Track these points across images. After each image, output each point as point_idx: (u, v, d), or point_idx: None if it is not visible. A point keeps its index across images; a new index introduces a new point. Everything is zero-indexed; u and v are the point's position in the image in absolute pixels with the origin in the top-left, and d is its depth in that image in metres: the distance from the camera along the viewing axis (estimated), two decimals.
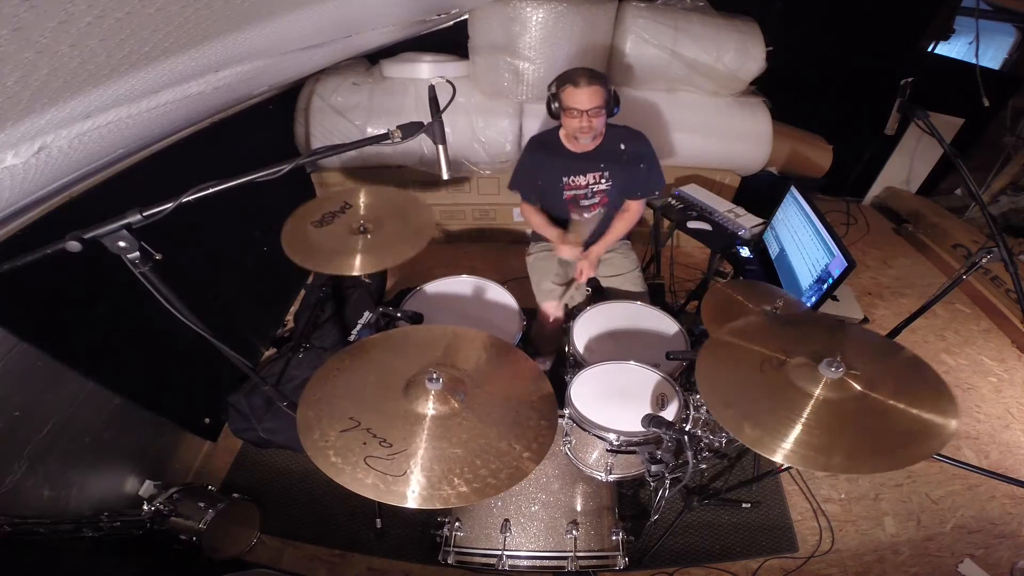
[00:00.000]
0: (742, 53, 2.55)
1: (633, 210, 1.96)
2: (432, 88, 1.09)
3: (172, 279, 0.95)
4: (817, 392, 1.03)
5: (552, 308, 1.93)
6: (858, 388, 1.03)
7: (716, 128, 2.75)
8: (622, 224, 1.96)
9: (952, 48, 3.37)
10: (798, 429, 0.97)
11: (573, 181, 1.86)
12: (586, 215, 1.94)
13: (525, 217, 2.02)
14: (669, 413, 1.33)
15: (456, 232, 3.21)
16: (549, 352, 2.15)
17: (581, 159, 1.83)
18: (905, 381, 1.07)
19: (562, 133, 1.84)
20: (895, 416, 1.00)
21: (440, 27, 2.62)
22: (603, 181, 1.87)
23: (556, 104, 1.72)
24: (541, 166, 1.87)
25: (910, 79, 1.37)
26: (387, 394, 1.08)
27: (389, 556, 1.73)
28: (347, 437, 0.98)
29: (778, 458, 0.94)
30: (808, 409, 1.00)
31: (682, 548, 1.76)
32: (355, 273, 1.46)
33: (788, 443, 0.96)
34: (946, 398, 1.02)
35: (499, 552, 1.42)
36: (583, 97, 1.64)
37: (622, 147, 1.83)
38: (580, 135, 1.73)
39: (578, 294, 1.97)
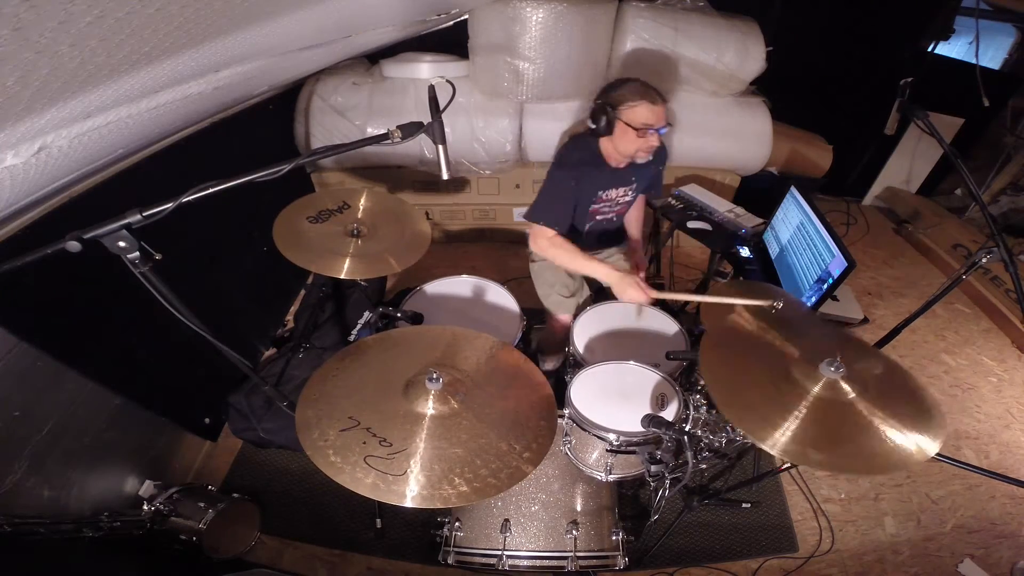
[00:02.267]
0: (742, 53, 2.55)
1: (642, 206, 2.02)
2: (432, 88, 1.09)
3: (172, 279, 0.95)
4: (816, 390, 1.04)
5: (567, 318, 1.90)
6: (851, 395, 1.04)
7: (716, 128, 2.75)
8: (640, 222, 2.01)
9: (952, 48, 3.37)
10: (795, 425, 0.99)
11: (606, 195, 1.76)
12: (598, 217, 1.87)
13: (551, 255, 1.72)
14: (669, 413, 1.33)
15: (456, 232, 3.21)
16: (556, 353, 2.15)
17: (619, 173, 1.73)
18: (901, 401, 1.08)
19: (604, 147, 1.67)
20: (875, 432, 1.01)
21: (440, 27, 2.62)
22: (631, 193, 1.83)
23: (612, 119, 1.56)
24: (582, 186, 1.69)
25: (910, 79, 1.37)
26: (387, 394, 1.08)
27: (389, 556, 1.73)
28: (347, 436, 0.98)
29: (776, 453, 0.95)
30: (805, 407, 1.02)
31: (682, 548, 1.76)
32: (341, 276, 1.46)
33: (785, 438, 0.97)
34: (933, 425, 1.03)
35: (499, 552, 1.42)
36: (660, 115, 1.54)
37: (650, 157, 1.75)
38: (642, 156, 1.61)
39: (582, 298, 1.96)
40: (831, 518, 1.87)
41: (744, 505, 1.86)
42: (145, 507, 1.56)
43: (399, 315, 1.52)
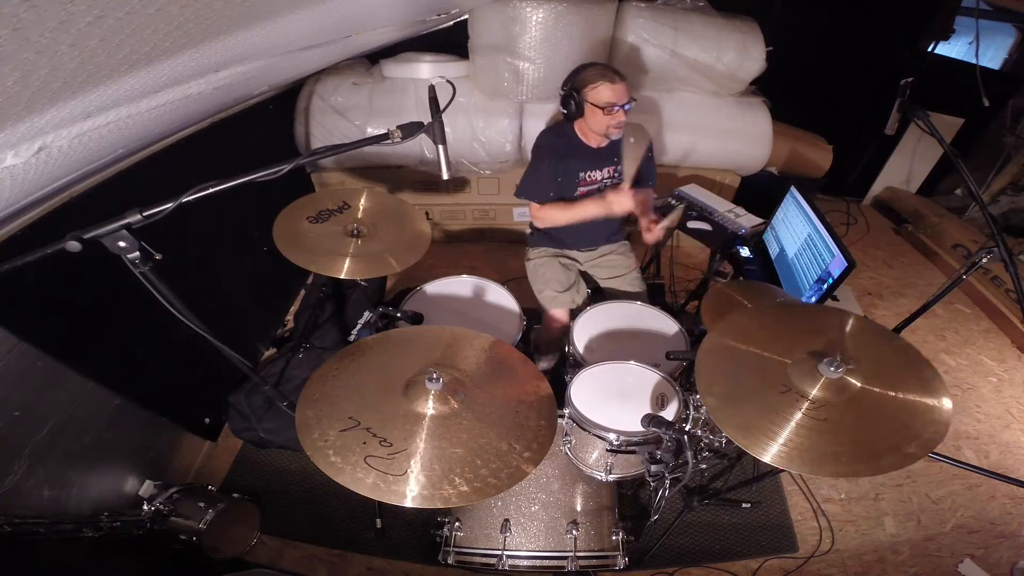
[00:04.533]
0: (742, 53, 2.55)
1: (650, 196, 1.99)
2: (432, 88, 1.09)
3: (172, 279, 0.95)
4: (815, 393, 1.03)
5: (562, 315, 1.92)
6: (858, 385, 1.03)
7: (716, 128, 2.75)
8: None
9: (952, 48, 3.38)
10: (795, 431, 0.97)
11: (589, 176, 1.84)
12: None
13: (545, 220, 1.87)
14: (669, 413, 1.33)
15: (456, 232, 3.21)
16: (552, 352, 2.15)
17: (598, 154, 1.82)
18: (900, 371, 1.08)
19: (578, 129, 1.80)
20: (893, 408, 1.00)
21: (440, 27, 2.62)
22: (617, 174, 1.86)
23: (580, 102, 1.67)
24: (560, 165, 1.80)
25: (910, 79, 1.37)
26: (387, 394, 1.08)
27: (389, 556, 1.73)
28: (347, 437, 0.98)
29: (768, 459, 0.94)
30: (805, 409, 1.00)
31: (682, 548, 1.76)
32: (341, 276, 1.46)
33: (781, 444, 0.96)
34: (937, 384, 1.03)
35: (499, 552, 1.42)
36: (621, 92, 1.63)
37: (632, 140, 1.82)
38: (613, 131, 1.70)
39: (579, 296, 1.96)
40: (831, 518, 1.87)
41: (744, 505, 1.86)
42: (145, 507, 1.56)
43: (399, 315, 1.52)
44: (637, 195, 1.72)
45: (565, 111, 1.75)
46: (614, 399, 1.37)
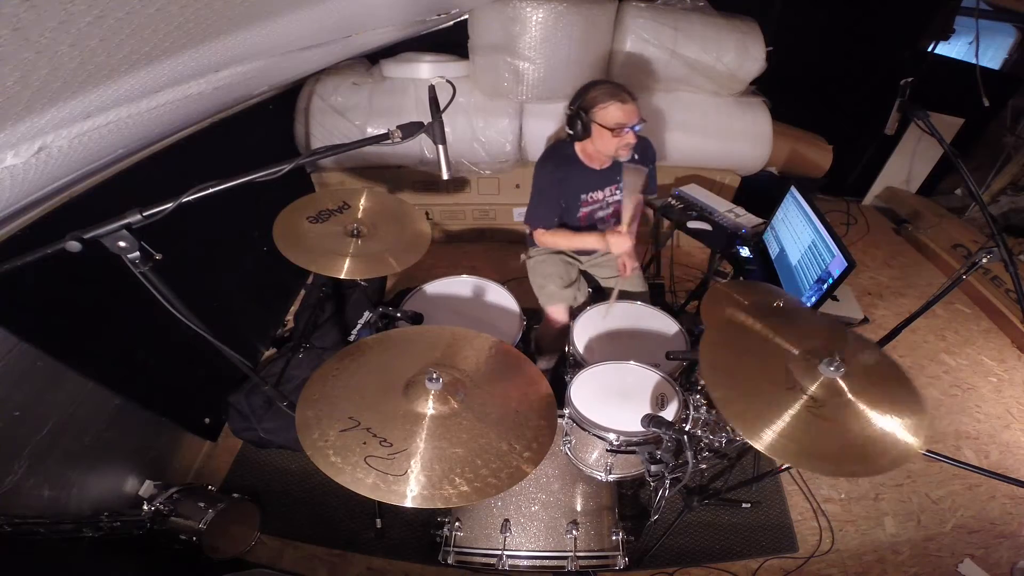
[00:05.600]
0: (742, 53, 2.55)
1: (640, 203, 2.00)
2: (432, 88, 1.09)
3: (172, 279, 0.95)
4: (813, 389, 1.04)
5: (561, 312, 1.91)
6: (848, 396, 1.04)
7: (716, 128, 2.75)
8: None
9: (952, 48, 3.38)
10: (806, 431, 0.98)
11: (591, 197, 1.81)
12: (596, 220, 1.91)
13: (548, 244, 1.89)
14: (669, 413, 1.33)
15: (456, 232, 3.21)
16: (552, 352, 2.15)
17: (600, 174, 1.78)
18: (888, 394, 1.08)
19: (579, 150, 1.75)
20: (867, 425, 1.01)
21: (440, 27, 2.62)
22: (618, 192, 1.84)
23: (587, 122, 1.62)
24: (565, 187, 1.77)
25: (910, 79, 1.37)
26: (387, 394, 1.08)
27: (389, 556, 1.73)
28: (347, 437, 0.98)
29: (781, 458, 0.95)
30: (811, 408, 1.01)
31: (682, 548, 1.76)
32: (341, 276, 1.46)
33: (797, 444, 0.96)
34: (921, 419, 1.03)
35: (499, 552, 1.42)
36: (631, 112, 1.57)
37: (635, 157, 1.77)
38: (622, 153, 1.64)
39: (580, 294, 1.96)
40: (831, 518, 1.87)
41: (744, 505, 1.86)
42: (145, 507, 1.56)
43: (399, 315, 1.52)
44: (632, 240, 1.71)
45: (571, 131, 1.69)
46: (614, 399, 1.37)
